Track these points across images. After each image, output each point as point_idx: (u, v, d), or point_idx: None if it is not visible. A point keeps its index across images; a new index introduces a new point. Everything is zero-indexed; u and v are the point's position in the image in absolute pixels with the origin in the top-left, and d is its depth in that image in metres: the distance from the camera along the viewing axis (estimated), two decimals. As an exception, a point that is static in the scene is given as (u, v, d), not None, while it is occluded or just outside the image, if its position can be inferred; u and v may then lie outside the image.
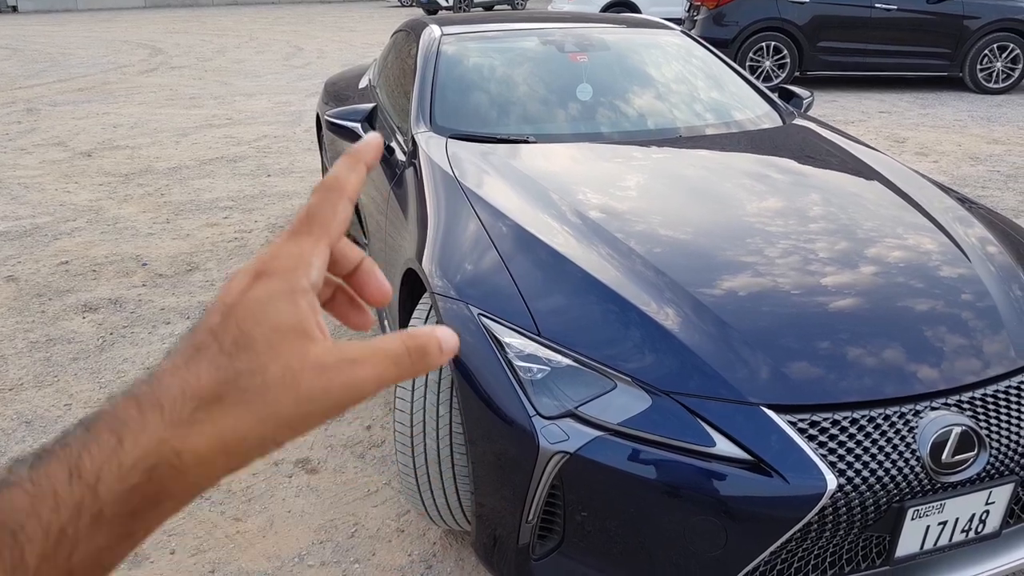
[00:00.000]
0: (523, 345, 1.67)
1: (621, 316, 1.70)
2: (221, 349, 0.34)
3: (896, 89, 9.34)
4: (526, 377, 1.63)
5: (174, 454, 0.32)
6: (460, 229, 2.07)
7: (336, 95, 4.15)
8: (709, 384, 1.55)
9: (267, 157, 6.57)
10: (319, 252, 0.38)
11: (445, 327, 0.40)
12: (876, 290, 1.78)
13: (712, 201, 2.15)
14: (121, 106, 9.07)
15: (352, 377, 0.35)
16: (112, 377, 3.05)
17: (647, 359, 1.61)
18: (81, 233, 4.74)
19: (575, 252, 1.88)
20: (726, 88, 3.06)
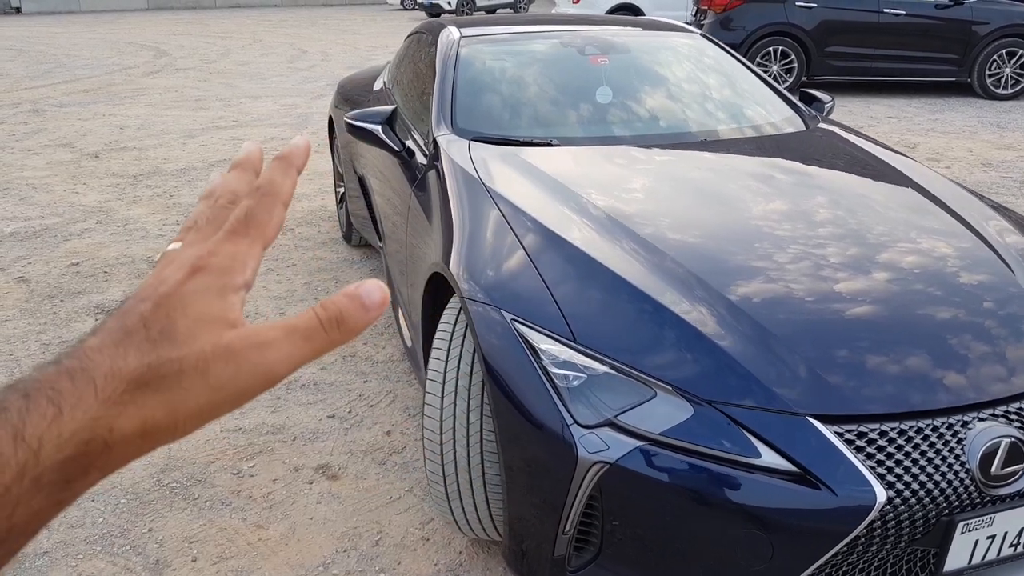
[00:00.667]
0: (558, 352, 1.64)
1: (658, 322, 1.67)
2: (148, 336, 0.35)
3: (904, 94, 9.32)
4: (562, 385, 1.60)
5: (107, 430, 0.33)
6: (487, 232, 2.04)
7: (349, 97, 4.12)
8: (753, 393, 1.52)
9: (275, 159, 6.54)
10: (254, 254, 0.39)
11: (368, 281, 0.39)
12: (917, 298, 1.75)
13: (743, 207, 2.12)
14: (127, 107, 9.04)
15: (261, 361, 0.36)
16: (126, 381, 3.01)
17: (687, 367, 1.58)
18: (91, 234, 4.71)
19: (607, 255, 1.85)
20: (748, 92, 3.03)
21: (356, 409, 2.79)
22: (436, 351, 1.92)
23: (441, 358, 1.90)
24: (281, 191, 0.41)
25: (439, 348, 1.92)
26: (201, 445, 2.59)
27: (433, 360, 1.91)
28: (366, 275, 4.04)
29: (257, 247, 0.39)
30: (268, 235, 0.40)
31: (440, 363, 1.89)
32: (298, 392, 2.91)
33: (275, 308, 3.65)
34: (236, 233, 0.39)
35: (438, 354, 1.91)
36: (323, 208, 5.15)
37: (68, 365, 0.33)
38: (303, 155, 0.43)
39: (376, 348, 3.25)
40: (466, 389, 1.84)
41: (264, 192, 0.41)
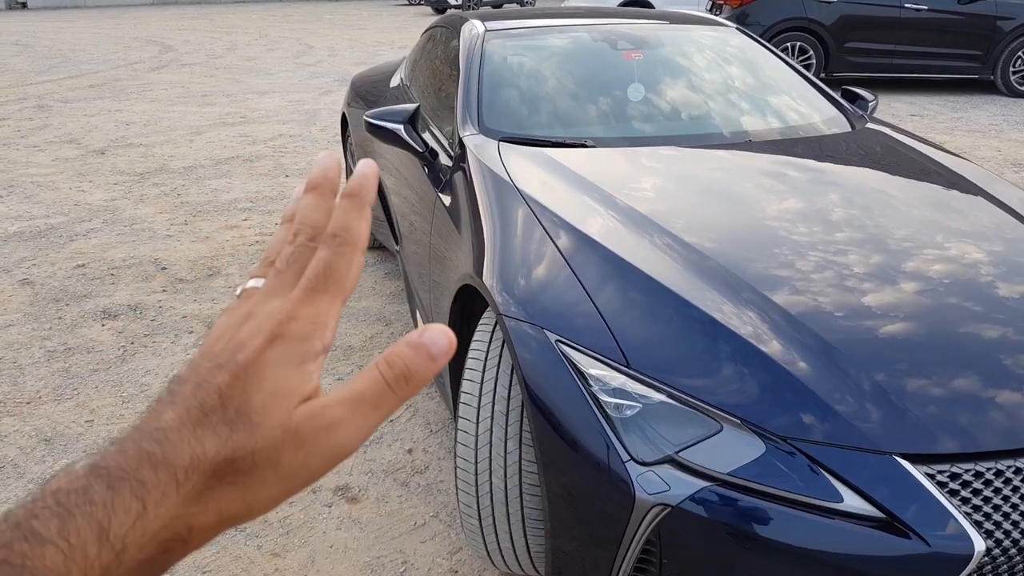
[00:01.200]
0: (609, 377, 1.49)
1: (720, 343, 1.51)
2: (224, 417, 0.33)
3: (925, 91, 9.13)
4: (615, 415, 1.45)
5: (186, 529, 0.32)
6: (524, 241, 1.88)
7: (364, 94, 3.97)
8: (832, 428, 1.36)
9: (284, 157, 6.40)
10: (334, 312, 0.37)
11: (432, 327, 0.36)
12: (1009, 316, 1.59)
13: (799, 215, 1.96)
14: (133, 103, 8.90)
15: (331, 442, 0.34)
16: (135, 391, 2.87)
17: (756, 396, 1.43)
18: (97, 234, 4.57)
19: (658, 269, 1.70)
20: (789, 89, 2.87)
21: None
22: (469, 371, 1.77)
23: (475, 380, 1.75)
24: (359, 238, 0.38)
25: (473, 369, 1.77)
26: (212, 463, 2.44)
27: (466, 382, 1.76)
28: (380, 278, 3.89)
29: (337, 303, 0.37)
30: (347, 288, 0.38)
31: (474, 385, 1.74)
32: (314, 405, 2.76)
33: (287, 314, 3.50)
34: (315, 291, 0.37)
35: (472, 375, 1.76)
36: (335, 208, 5.00)
37: (149, 450, 0.32)
38: (373, 186, 0.40)
39: (394, 358, 3.10)
40: (503, 415, 1.69)
41: (342, 242, 0.38)
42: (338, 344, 3.21)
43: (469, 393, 1.74)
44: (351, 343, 3.22)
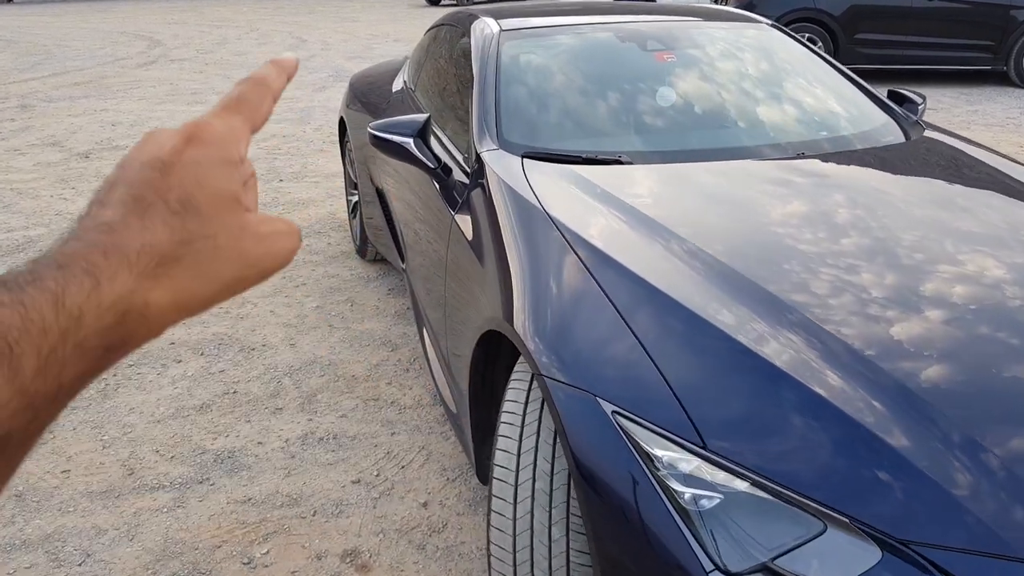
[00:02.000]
0: (680, 459, 1.23)
1: (816, 417, 1.25)
2: (169, 208, 0.35)
3: (937, 83, 8.86)
4: (691, 508, 1.19)
5: (143, 303, 0.34)
6: (563, 282, 1.62)
7: (364, 98, 3.68)
8: (960, 528, 1.11)
9: (277, 159, 6.11)
10: (246, 133, 0.41)
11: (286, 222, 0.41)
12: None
13: (881, 248, 1.69)
14: (120, 102, 8.58)
15: (280, 247, 0.39)
16: (116, 433, 2.60)
17: (865, 485, 1.17)
18: (78, 248, 4.28)
19: (733, 322, 1.43)
20: (837, 93, 2.60)
21: (385, 471, 2.38)
22: (504, 439, 1.51)
23: (511, 450, 1.48)
24: (272, 84, 0.43)
25: (507, 436, 1.50)
26: (205, 522, 2.18)
27: (500, 453, 1.50)
28: (384, 295, 3.62)
29: (247, 127, 0.41)
30: (257, 120, 0.41)
31: (510, 458, 1.48)
32: (316, 448, 2.50)
33: (285, 337, 3.23)
34: (228, 110, 0.40)
35: (506, 444, 1.49)
36: (332, 216, 4.72)
37: (96, 239, 0.34)
38: (292, 68, 0.45)
39: (402, 389, 2.83)
40: (546, 494, 1.43)
41: (256, 81, 0.42)
42: (339, 374, 2.94)
43: (504, 467, 1.47)
44: (354, 372, 2.95)
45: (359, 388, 2.85)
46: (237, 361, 3.05)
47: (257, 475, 2.37)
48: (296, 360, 3.05)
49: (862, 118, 2.50)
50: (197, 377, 2.94)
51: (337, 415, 2.68)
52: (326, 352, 3.11)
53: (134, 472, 2.40)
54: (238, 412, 2.71)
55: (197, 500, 2.27)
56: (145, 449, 2.51)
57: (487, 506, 1.52)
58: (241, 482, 2.34)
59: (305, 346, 3.16)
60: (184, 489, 2.32)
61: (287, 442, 2.54)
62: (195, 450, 2.50)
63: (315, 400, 2.77)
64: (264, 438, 2.56)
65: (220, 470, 2.40)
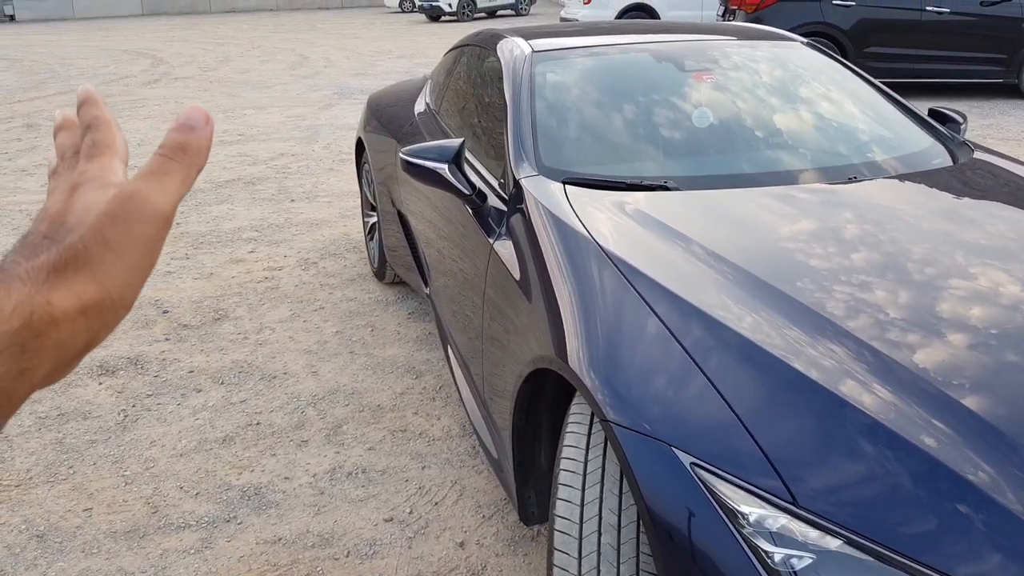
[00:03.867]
0: (768, 517, 1.14)
1: (918, 474, 1.17)
2: (51, 240, 0.40)
3: (948, 97, 8.83)
4: (783, 570, 1.10)
5: (46, 303, 0.37)
6: (623, 318, 1.54)
7: (382, 118, 3.62)
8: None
9: (287, 179, 6.04)
10: (117, 166, 0.44)
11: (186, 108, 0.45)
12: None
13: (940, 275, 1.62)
14: (125, 120, 8.53)
15: (143, 211, 0.41)
16: (138, 468, 2.51)
17: (972, 546, 1.08)
18: (90, 272, 4.21)
19: (807, 359, 1.35)
20: (881, 114, 2.53)
21: (418, 508, 2.29)
22: (563, 488, 1.42)
23: (573, 500, 1.40)
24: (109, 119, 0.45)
25: (567, 485, 1.42)
26: (235, 564, 2.09)
27: (559, 502, 1.41)
28: (404, 319, 3.54)
29: (116, 160, 0.44)
30: (122, 152, 0.44)
31: (571, 509, 1.39)
32: (345, 484, 2.41)
33: (306, 365, 3.15)
34: (92, 155, 0.44)
35: (567, 494, 1.41)
36: (346, 237, 4.65)
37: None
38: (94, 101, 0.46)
39: (430, 419, 2.75)
40: (613, 548, 1.35)
41: (94, 125, 0.45)
42: (364, 403, 2.85)
43: (566, 519, 1.39)
44: (380, 402, 2.87)
45: (385, 419, 2.77)
46: (258, 390, 2.97)
47: (286, 512, 2.29)
48: (319, 389, 2.97)
49: (908, 140, 2.43)
50: (218, 408, 2.86)
51: (365, 448, 2.60)
52: (349, 380, 3.02)
53: (158, 510, 2.31)
54: (262, 445, 2.63)
55: (225, 540, 2.18)
56: (169, 485, 2.43)
57: (547, 559, 1.43)
58: (270, 520, 2.26)
59: (327, 374, 3.08)
60: (211, 528, 2.23)
61: (315, 477, 2.45)
62: (220, 486, 2.41)
63: (341, 432, 2.69)
64: (291, 472, 2.47)
65: (247, 507, 2.31)
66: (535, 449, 1.88)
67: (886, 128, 2.48)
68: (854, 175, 2.13)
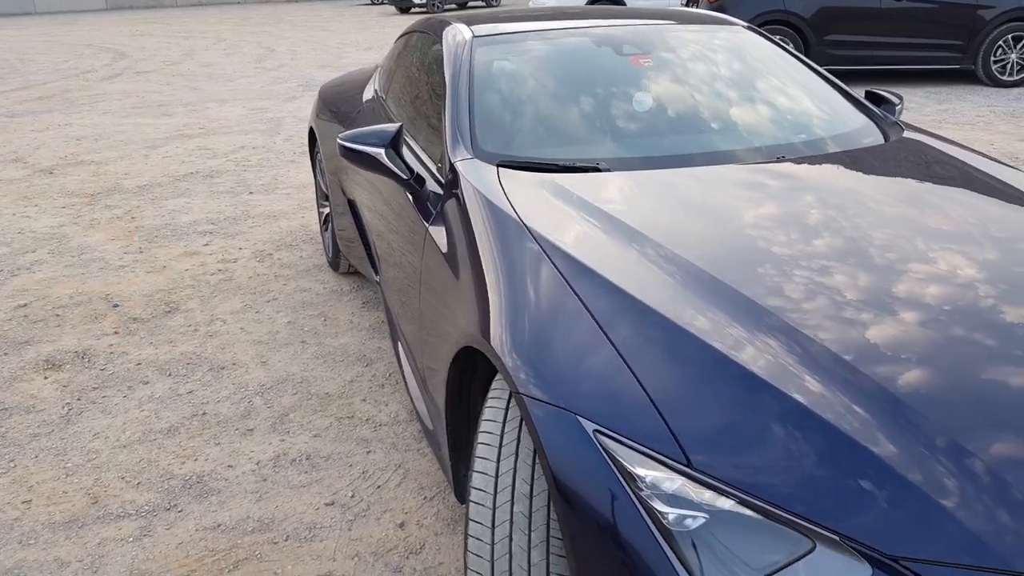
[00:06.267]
0: (664, 479, 1.17)
1: (801, 431, 1.21)
2: None
3: (906, 83, 8.97)
4: (675, 529, 1.14)
5: None
6: (542, 296, 1.56)
7: (333, 106, 3.61)
8: (951, 542, 1.07)
9: (247, 171, 6.00)
10: None
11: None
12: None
13: (857, 250, 1.66)
14: (84, 116, 8.41)
15: None
16: (81, 460, 2.50)
17: (856, 503, 1.12)
18: (42, 267, 4.16)
19: (711, 329, 1.39)
20: (816, 96, 2.58)
21: (360, 492, 2.30)
22: (481, 461, 1.45)
23: (489, 472, 1.42)
24: None
25: (485, 458, 1.44)
26: (173, 551, 2.09)
27: (476, 475, 1.44)
28: (357, 309, 3.54)
29: None
30: None
31: (486, 480, 1.42)
32: (288, 470, 2.42)
33: (256, 355, 3.14)
34: None
35: (484, 466, 1.43)
36: (304, 228, 4.64)
37: None
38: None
39: (377, 406, 2.76)
40: (525, 517, 1.37)
41: None
42: (312, 392, 2.86)
43: (482, 490, 1.41)
44: (328, 390, 2.87)
45: (333, 406, 2.77)
46: (206, 381, 2.96)
47: (227, 499, 2.29)
48: (267, 378, 2.96)
49: (840, 120, 2.48)
50: (165, 399, 2.84)
51: (311, 435, 2.60)
52: (298, 369, 3.02)
53: (98, 500, 2.30)
54: (207, 434, 2.62)
55: (164, 528, 2.18)
56: (110, 476, 2.42)
57: (464, 530, 1.45)
58: (211, 507, 2.26)
59: (277, 364, 3.07)
60: (151, 517, 2.22)
61: (258, 464, 2.45)
62: (162, 475, 2.41)
63: (287, 420, 2.69)
64: (234, 461, 2.47)
65: (188, 496, 2.31)
66: (468, 428, 1.90)
67: (821, 109, 2.52)
68: (783, 155, 2.16)
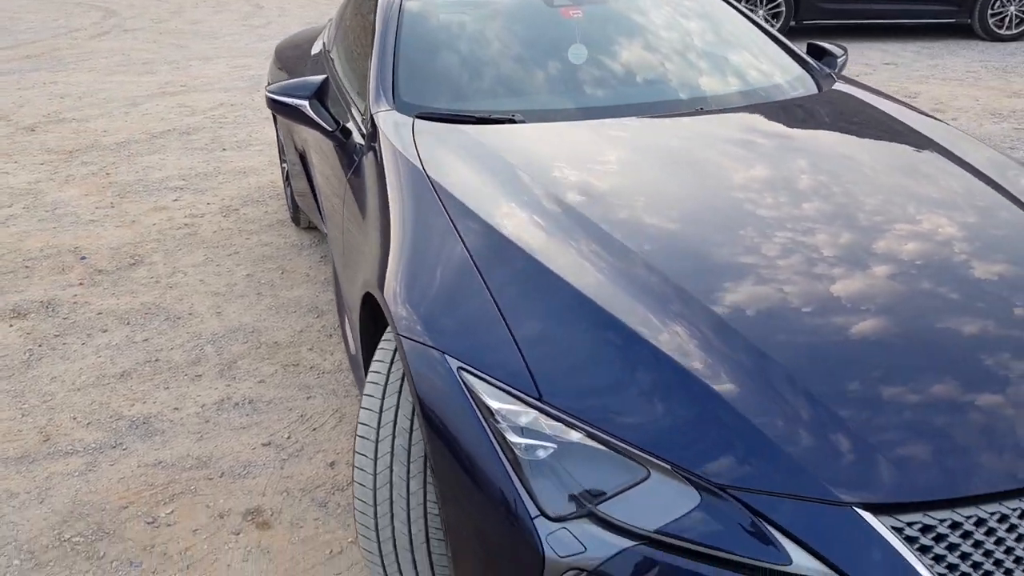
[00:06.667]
0: (518, 412, 1.25)
1: (656, 376, 1.27)
2: None
3: (899, 38, 8.83)
4: (524, 458, 1.21)
5: None
6: (432, 244, 1.62)
7: (287, 63, 3.63)
8: (779, 474, 1.14)
9: (223, 128, 6.02)
10: None
11: None
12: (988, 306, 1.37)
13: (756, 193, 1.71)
14: (70, 74, 8.39)
15: None
16: (36, 401, 2.60)
17: (690, 435, 1.19)
18: (16, 222, 4.22)
19: (584, 279, 1.44)
20: (751, 46, 2.59)
21: (296, 434, 2.40)
22: (368, 399, 1.52)
23: (374, 408, 1.50)
24: None
25: (371, 396, 1.52)
26: (114, 484, 2.19)
27: (364, 411, 1.51)
28: (316, 263, 3.61)
29: None
30: None
31: (373, 415, 1.49)
32: (231, 413, 2.51)
33: (212, 306, 3.22)
34: None
35: (370, 403, 1.51)
36: (272, 184, 4.68)
37: None
38: None
39: (323, 355, 2.84)
40: (405, 449, 1.45)
41: None
42: (262, 341, 2.94)
43: (367, 424, 1.49)
44: (277, 339, 2.95)
45: (280, 354, 2.85)
46: (162, 330, 3.04)
47: (170, 439, 2.39)
48: (221, 328, 3.04)
49: (775, 71, 2.49)
50: (121, 346, 2.93)
51: (255, 381, 2.69)
52: (251, 320, 3.10)
53: (50, 438, 2.40)
54: (158, 379, 2.71)
55: (108, 464, 2.28)
56: (63, 416, 2.52)
57: (351, 464, 1.53)
58: (153, 446, 2.35)
59: (231, 314, 3.15)
60: (97, 454, 2.33)
61: (203, 407, 2.55)
62: (112, 416, 2.51)
63: (235, 367, 2.78)
64: (181, 404, 2.57)
65: (134, 435, 2.41)
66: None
67: (758, 60, 2.53)
68: (702, 107, 2.19)
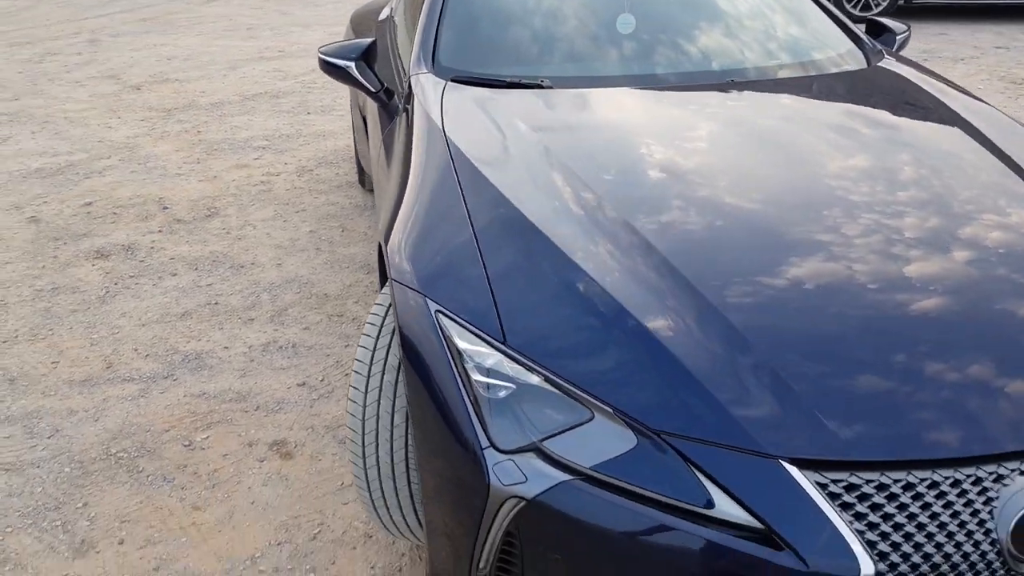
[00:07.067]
0: (485, 354, 1.33)
1: (611, 327, 1.33)
2: None
3: (1017, 20, 8.24)
4: (484, 395, 1.30)
5: None
6: (438, 198, 1.71)
7: (358, 27, 3.78)
8: (714, 425, 1.18)
9: (311, 93, 6.29)
10: None
11: None
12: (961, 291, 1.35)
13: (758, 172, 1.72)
14: (179, 37, 8.93)
15: None
16: (105, 333, 2.88)
17: (636, 385, 1.25)
18: (112, 172, 4.60)
19: (570, 240, 1.51)
20: (801, 21, 2.54)
21: (330, 378, 2.57)
22: (364, 338, 1.64)
23: (368, 347, 1.62)
24: None
25: (367, 335, 1.64)
26: (161, 410, 2.42)
27: (360, 349, 1.63)
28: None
29: None
30: None
31: (366, 353, 1.61)
32: (275, 355, 2.71)
33: (274, 257, 3.44)
34: None
35: (365, 342, 1.63)
36: (348, 148, 4.89)
37: None
38: None
39: (366, 307, 3.00)
40: (392, 386, 1.56)
41: None
42: (313, 292, 3.13)
43: (360, 361, 1.61)
44: (327, 291, 3.13)
45: (328, 305, 3.03)
46: (225, 276, 3.28)
47: (216, 374, 2.60)
48: (278, 278, 3.26)
49: (824, 46, 2.44)
50: (187, 289, 3.19)
51: (301, 327, 2.88)
52: (307, 272, 3.30)
53: (112, 366, 2.67)
54: (214, 321, 2.94)
55: (159, 392, 2.51)
56: (126, 347, 2.78)
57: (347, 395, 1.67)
58: (201, 379, 2.58)
59: (290, 266, 3.36)
60: (151, 382, 2.57)
61: (250, 348, 2.75)
62: (168, 350, 2.75)
63: (285, 314, 2.98)
64: (231, 344, 2.78)
65: (185, 368, 2.64)
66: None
67: (808, 34, 2.48)
68: (733, 78, 2.19)
